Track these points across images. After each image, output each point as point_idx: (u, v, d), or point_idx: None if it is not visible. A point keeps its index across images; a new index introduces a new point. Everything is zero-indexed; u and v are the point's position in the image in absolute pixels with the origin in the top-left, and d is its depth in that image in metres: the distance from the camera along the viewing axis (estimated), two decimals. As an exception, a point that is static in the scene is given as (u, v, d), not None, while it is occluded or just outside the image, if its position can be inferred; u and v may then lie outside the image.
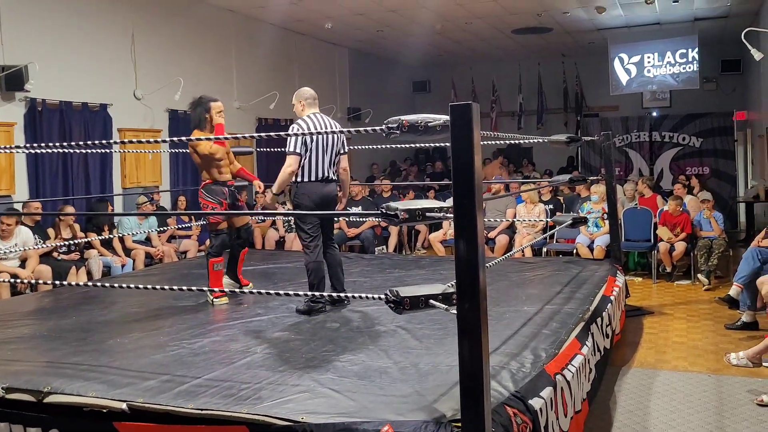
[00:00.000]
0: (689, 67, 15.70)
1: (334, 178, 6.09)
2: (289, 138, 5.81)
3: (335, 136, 5.99)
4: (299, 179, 5.92)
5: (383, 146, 8.42)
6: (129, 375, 4.15)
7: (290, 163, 5.85)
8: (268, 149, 11.54)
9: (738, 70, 17.28)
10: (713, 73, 17.57)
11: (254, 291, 4.67)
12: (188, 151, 6.99)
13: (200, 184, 6.50)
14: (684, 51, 15.68)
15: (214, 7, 12.18)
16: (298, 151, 5.83)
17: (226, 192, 6.44)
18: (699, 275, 9.66)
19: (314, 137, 5.84)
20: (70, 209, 8.89)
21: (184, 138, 4.56)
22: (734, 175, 15.23)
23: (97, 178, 9.88)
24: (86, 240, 8.47)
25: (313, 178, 5.93)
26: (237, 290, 6.19)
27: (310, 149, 5.87)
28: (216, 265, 6.44)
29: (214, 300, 6.29)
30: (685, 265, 10.26)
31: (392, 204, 3.40)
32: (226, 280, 6.69)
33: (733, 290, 7.50)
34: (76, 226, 8.97)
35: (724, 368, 6.14)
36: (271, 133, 4.26)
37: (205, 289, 5.24)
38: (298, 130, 5.87)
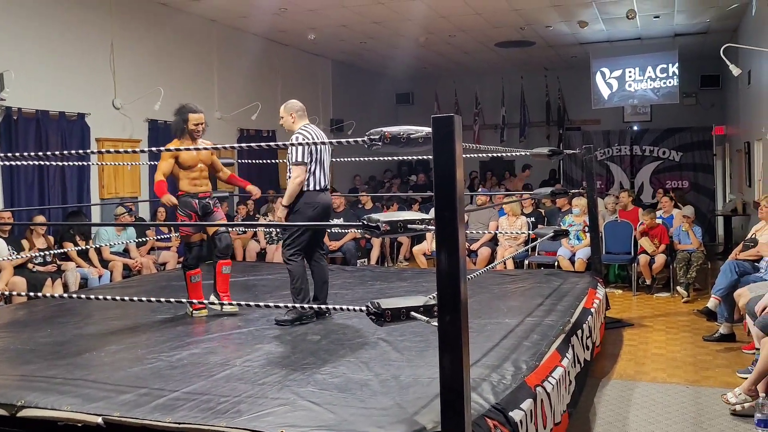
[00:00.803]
0: (669, 82, 15.82)
1: (329, 186, 6.14)
2: (294, 148, 5.85)
3: (329, 146, 6.03)
4: (305, 188, 5.95)
5: (366, 158, 8.40)
6: (105, 388, 4.10)
7: (298, 173, 5.89)
8: (249, 161, 11.50)
9: (717, 86, 17.45)
10: (693, 88, 17.72)
11: (232, 303, 4.61)
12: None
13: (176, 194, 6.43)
14: (664, 66, 15.79)
15: (196, 16, 12.12)
16: (305, 160, 5.88)
17: (196, 204, 6.34)
18: (678, 287, 9.73)
19: (318, 148, 5.91)
20: (41, 219, 8.79)
21: (163, 148, 4.53)
22: (713, 188, 15.36)
23: (74, 188, 9.71)
24: (62, 251, 8.37)
25: (316, 188, 5.99)
26: (210, 303, 6.16)
27: (315, 160, 5.94)
28: (193, 277, 6.41)
29: (193, 312, 6.25)
30: (665, 278, 10.33)
31: (374, 216, 3.39)
32: (212, 297, 6.60)
33: (711, 302, 7.57)
34: (50, 238, 8.87)
35: (702, 379, 6.17)
36: (252, 144, 4.24)
37: (183, 300, 5.20)
38: (303, 140, 5.90)
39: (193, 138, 6.29)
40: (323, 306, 4.58)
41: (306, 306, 5.42)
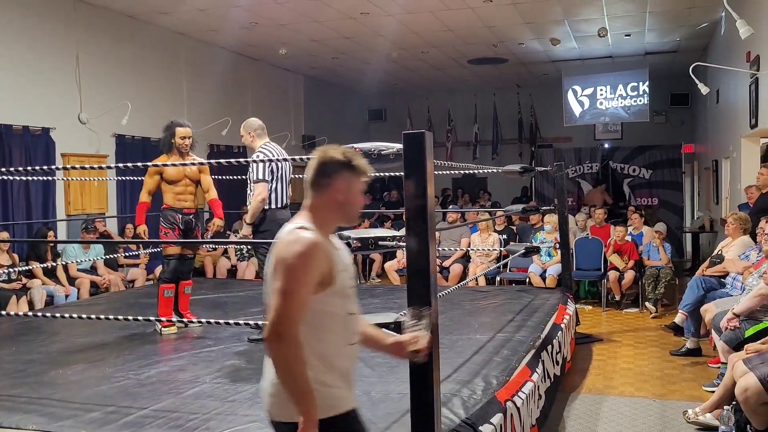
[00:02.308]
0: (640, 100, 15.94)
1: (288, 203, 6.20)
2: (255, 166, 5.91)
3: (290, 164, 6.05)
4: (266, 206, 5.99)
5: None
6: (72, 407, 4.06)
7: (260, 191, 5.93)
8: (220, 176, 11.37)
9: (686, 104, 17.66)
10: (663, 106, 17.90)
11: (201, 321, 4.62)
12: (136, 178, 6.98)
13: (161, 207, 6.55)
14: (635, 84, 15.92)
15: (165, 29, 12.02)
16: (267, 178, 5.94)
17: (179, 219, 6.43)
18: (646, 303, 9.82)
19: (279, 165, 5.97)
20: (5, 235, 8.66)
21: (130, 164, 4.51)
22: (681, 206, 15.52)
23: (40, 204, 9.49)
24: (28, 268, 8.25)
25: (279, 205, 6.06)
26: (176, 320, 6.18)
27: (276, 177, 6.01)
28: (166, 291, 6.42)
29: (162, 329, 6.21)
30: (634, 294, 10.41)
31: (344, 232, 3.38)
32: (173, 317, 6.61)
33: (678, 318, 7.62)
34: (15, 255, 8.74)
35: (669, 393, 6.23)
36: (222, 160, 4.22)
37: (152, 318, 5.17)
38: (264, 158, 5.94)
39: (180, 153, 6.40)
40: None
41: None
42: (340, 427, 2.52)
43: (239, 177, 10.61)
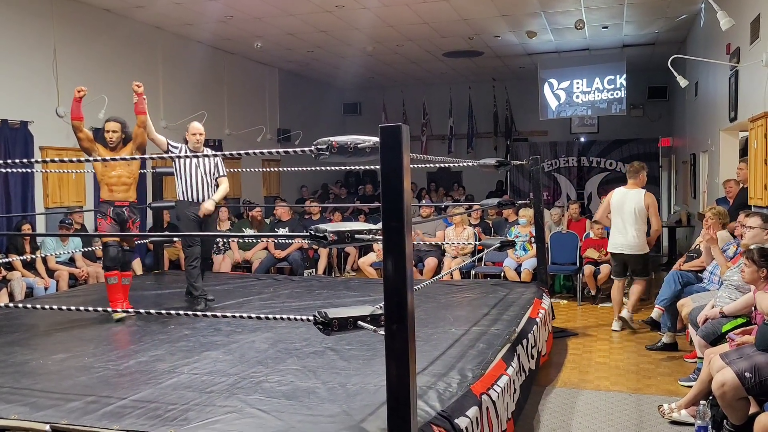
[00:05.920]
0: (617, 93, 15.96)
1: None
2: (221, 162, 6.94)
3: None
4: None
5: (313, 168, 8.39)
6: (53, 397, 4.08)
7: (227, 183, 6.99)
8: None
9: (664, 97, 17.80)
10: (640, 99, 18.02)
11: (179, 313, 4.66)
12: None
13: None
14: (612, 77, 15.94)
15: (141, 23, 11.99)
16: None
17: (110, 212, 6.66)
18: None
19: None
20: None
21: (108, 158, 4.52)
22: (658, 200, 15.57)
23: (19, 197, 9.52)
24: (7, 261, 8.24)
25: None
26: (124, 312, 6.31)
27: None
28: (109, 279, 6.67)
29: (113, 315, 6.41)
30: (609, 288, 10.46)
31: (321, 226, 3.41)
32: None
33: (655, 312, 7.66)
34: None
35: (644, 387, 6.30)
36: (198, 154, 4.24)
37: (130, 309, 5.19)
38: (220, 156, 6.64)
39: (110, 148, 6.71)
40: (261, 314, 4.59)
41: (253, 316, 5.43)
42: None
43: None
